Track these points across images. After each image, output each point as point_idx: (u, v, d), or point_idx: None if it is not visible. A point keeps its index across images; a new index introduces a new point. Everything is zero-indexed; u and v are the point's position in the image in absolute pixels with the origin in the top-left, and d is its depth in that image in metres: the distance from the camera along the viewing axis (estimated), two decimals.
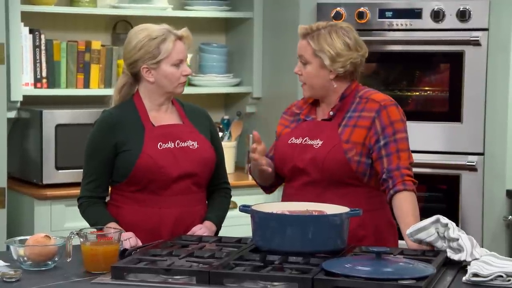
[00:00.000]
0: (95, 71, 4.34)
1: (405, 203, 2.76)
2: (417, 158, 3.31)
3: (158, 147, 2.85)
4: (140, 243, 2.75)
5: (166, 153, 2.85)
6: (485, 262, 2.44)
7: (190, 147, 2.90)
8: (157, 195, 2.86)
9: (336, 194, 2.81)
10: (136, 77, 2.91)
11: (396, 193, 2.77)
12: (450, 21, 4.10)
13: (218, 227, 2.95)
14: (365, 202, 2.81)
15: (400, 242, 2.92)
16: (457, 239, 2.52)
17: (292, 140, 2.91)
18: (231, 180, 4.45)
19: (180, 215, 2.87)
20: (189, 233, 2.86)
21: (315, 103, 2.96)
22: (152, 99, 2.91)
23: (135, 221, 2.84)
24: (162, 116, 2.92)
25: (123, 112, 2.89)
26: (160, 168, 2.83)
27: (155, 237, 2.79)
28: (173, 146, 2.87)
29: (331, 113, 2.87)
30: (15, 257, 2.55)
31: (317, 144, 2.84)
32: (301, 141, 2.88)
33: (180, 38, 2.88)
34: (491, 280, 2.35)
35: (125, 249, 2.64)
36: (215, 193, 3.02)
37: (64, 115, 4.10)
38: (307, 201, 2.76)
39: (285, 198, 2.94)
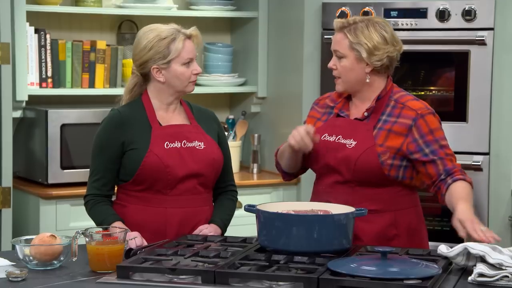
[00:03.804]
0: (100, 71, 4.35)
1: (461, 188, 2.74)
2: None
3: (165, 146, 2.86)
4: (145, 243, 2.75)
5: (172, 152, 2.85)
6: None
7: (197, 147, 2.90)
8: (163, 194, 2.86)
9: (367, 194, 2.80)
10: (145, 77, 2.92)
11: (454, 182, 2.76)
12: (456, 20, 4.10)
13: (224, 230, 2.95)
14: (396, 201, 2.80)
15: (431, 243, 2.92)
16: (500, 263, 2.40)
17: (325, 136, 2.88)
18: (236, 179, 4.46)
19: (185, 215, 2.88)
20: (195, 231, 2.86)
21: (349, 97, 2.92)
22: (161, 98, 2.91)
23: (141, 221, 2.84)
24: (170, 116, 2.93)
25: (131, 111, 2.90)
26: (166, 167, 2.83)
27: (161, 237, 2.80)
28: (179, 145, 2.88)
29: (366, 113, 2.85)
30: (20, 256, 2.56)
31: (351, 144, 2.82)
32: (335, 139, 2.86)
33: (189, 37, 2.88)
34: (497, 280, 2.35)
35: (131, 249, 2.64)
36: (221, 196, 3.01)
37: (70, 115, 4.11)
38: (338, 200, 2.74)
39: (315, 195, 2.93)
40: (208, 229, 2.87)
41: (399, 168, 2.81)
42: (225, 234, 2.92)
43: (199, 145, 2.90)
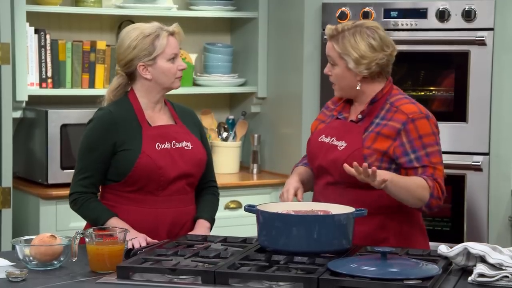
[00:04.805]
0: (100, 71, 4.35)
1: (414, 178, 2.71)
2: None
3: (156, 147, 2.87)
4: (148, 242, 2.74)
5: (164, 153, 2.87)
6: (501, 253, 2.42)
7: (185, 147, 2.92)
8: (154, 195, 2.87)
9: (357, 196, 2.78)
10: (131, 77, 2.93)
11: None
12: (456, 21, 4.10)
13: (212, 223, 2.97)
14: (386, 204, 2.78)
15: (431, 244, 2.90)
16: (500, 263, 2.40)
17: (322, 138, 2.89)
18: (236, 180, 4.48)
19: (176, 215, 2.89)
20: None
21: (350, 100, 2.93)
22: (149, 96, 2.92)
23: (132, 221, 2.83)
24: (157, 115, 2.94)
25: (121, 111, 2.90)
26: (159, 168, 2.84)
27: (152, 238, 2.80)
28: (169, 146, 2.89)
29: (359, 116, 2.85)
30: (21, 256, 2.56)
31: (341, 146, 2.82)
32: (329, 140, 2.87)
33: (172, 33, 2.90)
34: (497, 280, 2.35)
35: (131, 249, 2.64)
36: (203, 192, 3.03)
37: (69, 115, 4.11)
38: (328, 200, 2.75)
39: (313, 195, 2.95)
40: (199, 230, 2.89)
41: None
42: (225, 234, 2.92)
43: (187, 145, 2.92)
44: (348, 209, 2.62)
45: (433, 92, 4.25)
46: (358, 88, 2.83)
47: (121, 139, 2.86)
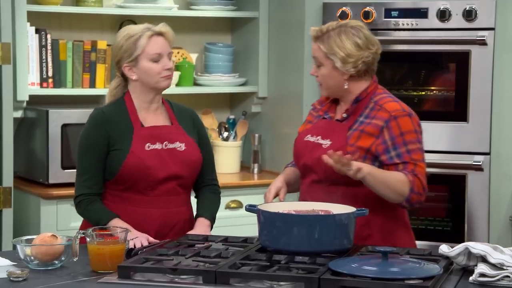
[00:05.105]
0: (101, 71, 4.35)
1: (393, 173, 2.73)
2: None
3: (146, 147, 2.87)
4: (150, 241, 2.74)
5: (153, 154, 2.87)
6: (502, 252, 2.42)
7: (178, 148, 2.92)
8: (144, 195, 2.88)
9: (341, 193, 2.80)
10: (125, 78, 2.96)
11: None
12: (456, 20, 4.10)
13: (212, 221, 2.97)
14: (369, 201, 2.79)
15: (418, 242, 2.89)
16: (501, 263, 2.40)
17: (308, 137, 2.92)
18: (237, 179, 4.48)
19: (165, 216, 2.90)
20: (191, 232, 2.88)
21: (336, 100, 2.95)
22: (141, 97, 2.93)
23: (122, 220, 2.84)
24: (152, 116, 2.95)
25: (114, 111, 2.92)
26: (147, 169, 2.85)
27: None
28: (160, 147, 2.90)
29: (344, 115, 2.87)
30: (21, 256, 2.56)
31: (326, 144, 2.84)
32: (315, 139, 2.89)
33: (158, 34, 2.91)
34: (498, 280, 2.35)
35: (132, 249, 2.65)
36: (203, 190, 3.04)
37: (70, 115, 4.11)
38: (315, 199, 2.76)
39: (300, 194, 2.96)
40: (199, 229, 2.89)
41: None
42: (226, 234, 2.92)
43: (180, 146, 2.93)
44: (349, 209, 2.62)
45: (434, 91, 4.25)
46: (346, 87, 2.84)
47: (113, 139, 2.88)
